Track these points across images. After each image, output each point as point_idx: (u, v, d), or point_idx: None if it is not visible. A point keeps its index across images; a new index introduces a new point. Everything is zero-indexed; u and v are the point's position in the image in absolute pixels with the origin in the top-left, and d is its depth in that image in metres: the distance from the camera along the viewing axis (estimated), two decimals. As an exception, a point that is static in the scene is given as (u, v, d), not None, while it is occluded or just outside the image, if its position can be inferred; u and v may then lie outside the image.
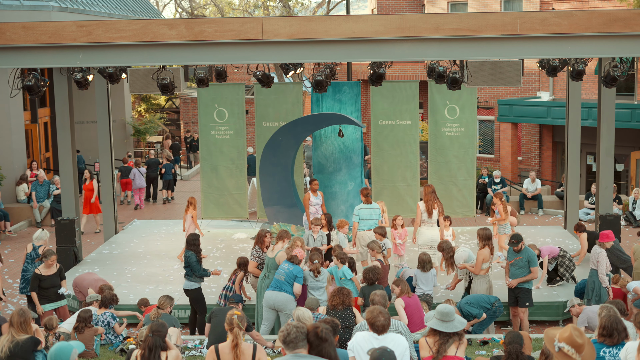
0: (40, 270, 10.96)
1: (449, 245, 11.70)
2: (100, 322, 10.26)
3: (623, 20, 11.02)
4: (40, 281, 10.88)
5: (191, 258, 11.06)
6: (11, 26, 11.47)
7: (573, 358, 5.78)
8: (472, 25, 11.17)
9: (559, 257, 12.66)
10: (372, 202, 13.28)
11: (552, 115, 24.54)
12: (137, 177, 21.30)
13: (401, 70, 28.90)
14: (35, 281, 10.88)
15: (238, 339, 6.53)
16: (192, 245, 11.18)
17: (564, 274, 12.61)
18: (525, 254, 10.85)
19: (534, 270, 10.85)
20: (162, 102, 37.07)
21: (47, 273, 10.99)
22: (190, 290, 11.20)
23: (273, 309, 10.50)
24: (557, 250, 12.75)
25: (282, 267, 10.49)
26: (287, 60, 12.20)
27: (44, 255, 11.04)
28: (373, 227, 12.74)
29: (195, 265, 11.03)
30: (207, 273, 11.21)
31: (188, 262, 11.05)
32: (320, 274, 10.76)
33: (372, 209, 13.15)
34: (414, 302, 9.97)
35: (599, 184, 14.46)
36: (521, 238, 11.01)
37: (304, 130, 15.97)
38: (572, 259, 12.73)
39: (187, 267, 11.12)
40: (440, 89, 15.88)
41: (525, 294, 10.93)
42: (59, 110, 14.34)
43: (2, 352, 7.58)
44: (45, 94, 23.05)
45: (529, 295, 10.95)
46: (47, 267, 10.99)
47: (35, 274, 10.92)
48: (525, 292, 10.93)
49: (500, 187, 19.85)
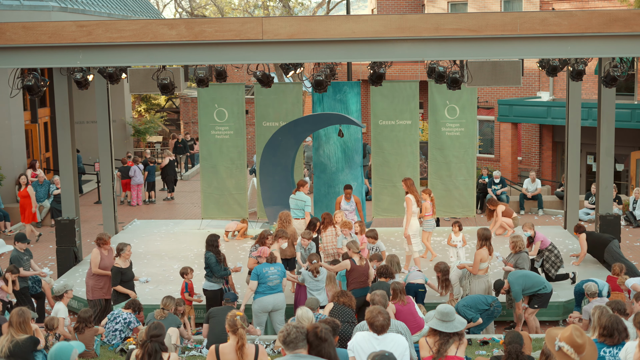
0: (120, 263, 10.97)
1: (446, 267, 11.67)
2: (122, 318, 10.26)
3: (623, 20, 11.03)
4: (122, 274, 10.89)
5: (210, 259, 11.01)
6: (11, 26, 11.47)
7: (572, 358, 5.77)
8: (472, 25, 11.17)
9: (546, 251, 12.69)
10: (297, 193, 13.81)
11: (552, 115, 24.54)
12: (137, 173, 21.36)
13: (401, 70, 28.91)
14: (117, 275, 10.89)
15: (243, 339, 6.54)
16: (211, 246, 11.13)
17: (550, 269, 12.67)
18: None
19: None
20: (162, 102, 37.07)
21: (125, 266, 11.03)
22: (209, 291, 11.16)
23: (266, 312, 10.55)
24: (549, 243, 12.81)
25: (271, 272, 10.47)
26: (287, 60, 12.20)
27: (119, 249, 11.01)
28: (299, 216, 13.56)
29: (215, 266, 11.00)
30: (227, 272, 11.20)
31: (207, 262, 11.02)
32: (319, 273, 10.77)
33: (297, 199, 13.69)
34: (407, 309, 9.88)
35: (599, 184, 14.46)
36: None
37: (304, 130, 15.97)
38: (558, 255, 12.78)
39: (205, 268, 11.11)
40: (440, 89, 15.87)
41: (537, 296, 10.91)
42: (59, 110, 14.34)
43: (1, 352, 7.58)
44: (45, 94, 23.04)
45: (541, 299, 10.92)
46: (124, 260, 11.02)
47: (117, 268, 10.92)
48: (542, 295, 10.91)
49: (500, 187, 19.85)
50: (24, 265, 11.87)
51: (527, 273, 11.03)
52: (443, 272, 11.57)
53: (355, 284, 10.86)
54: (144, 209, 21.31)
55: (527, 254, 11.70)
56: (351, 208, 14.23)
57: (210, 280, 11.13)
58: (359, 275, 10.95)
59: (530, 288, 10.82)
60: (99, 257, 11.41)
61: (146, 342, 7.05)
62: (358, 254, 11.11)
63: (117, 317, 10.31)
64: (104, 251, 11.50)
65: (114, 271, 10.98)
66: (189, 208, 21.44)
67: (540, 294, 10.85)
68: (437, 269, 11.66)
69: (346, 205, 14.26)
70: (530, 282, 10.82)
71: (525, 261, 11.40)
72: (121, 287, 10.93)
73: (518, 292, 10.79)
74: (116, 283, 10.91)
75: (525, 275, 10.91)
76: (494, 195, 19.56)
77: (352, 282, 10.91)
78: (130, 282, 11.11)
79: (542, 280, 10.96)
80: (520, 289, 10.78)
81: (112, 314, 10.39)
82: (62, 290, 10.45)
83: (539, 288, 10.80)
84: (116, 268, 10.96)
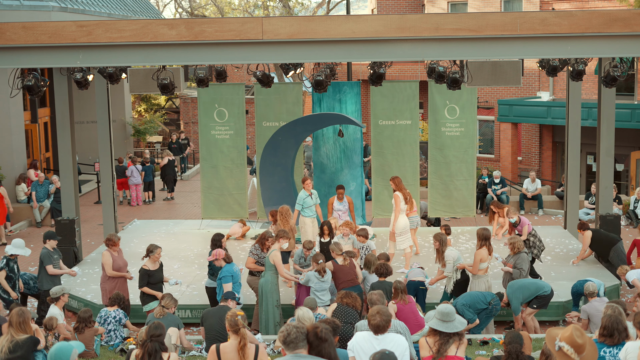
0: (148, 265, 10.87)
1: (444, 238, 11.55)
2: (111, 317, 10.26)
3: (623, 20, 11.02)
4: (149, 276, 10.81)
5: None
6: (11, 26, 11.47)
7: (572, 358, 5.78)
8: (472, 25, 11.16)
9: (530, 236, 12.89)
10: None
11: (552, 115, 24.54)
12: (134, 173, 21.35)
13: (401, 70, 28.91)
14: (144, 277, 10.78)
15: (245, 339, 6.55)
16: (216, 245, 11.21)
17: (538, 255, 12.89)
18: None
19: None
20: (162, 102, 37.06)
21: (154, 268, 10.94)
22: (210, 288, 11.25)
23: None
24: (532, 227, 13.11)
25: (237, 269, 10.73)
26: (287, 60, 12.20)
27: (149, 250, 10.90)
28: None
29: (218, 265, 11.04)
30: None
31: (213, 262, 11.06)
32: (326, 273, 10.78)
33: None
34: (408, 308, 9.90)
35: (599, 184, 14.46)
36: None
37: (304, 130, 15.97)
38: (540, 238, 13.07)
39: (209, 265, 11.19)
40: (440, 89, 15.87)
41: (538, 298, 10.89)
42: (59, 110, 14.34)
43: (1, 352, 7.58)
44: (45, 94, 23.05)
45: (542, 300, 10.91)
46: (153, 261, 10.92)
47: (144, 269, 10.81)
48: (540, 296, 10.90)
49: (500, 187, 19.85)
50: (53, 264, 11.76)
51: (525, 283, 10.96)
52: (441, 243, 11.47)
53: (344, 284, 10.87)
54: (144, 209, 21.31)
55: (527, 255, 11.70)
56: (344, 208, 14.24)
57: (211, 278, 11.17)
58: (344, 275, 10.96)
59: (529, 297, 10.83)
60: (111, 259, 11.30)
61: (146, 342, 7.05)
62: (342, 255, 11.14)
63: (107, 317, 10.31)
64: (114, 252, 11.41)
65: (141, 273, 10.84)
66: (189, 208, 21.44)
67: (542, 296, 10.85)
68: (437, 237, 11.56)
69: (339, 205, 14.27)
70: (528, 293, 10.81)
71: (524, 261, 11.40)
72: (147, 289, 10.82)
73: (517, 307, 10.79)
74: (143, 285, 10.79)
75: (522, 287, 10.86)
76: (494, 195, 19.58)
77: (340, 283, 10.92)
78: (159, 284, 11.00)
79: (540, 286, 10.91)
80: (518, 303, 10.78)
81: (101, 316, 10.35)
82: (59, 293, 10.31)
83: (539, 293, 10.80)
84: (143, 270, 10.83)
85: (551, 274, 13.28)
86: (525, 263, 11.41)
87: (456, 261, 11.33)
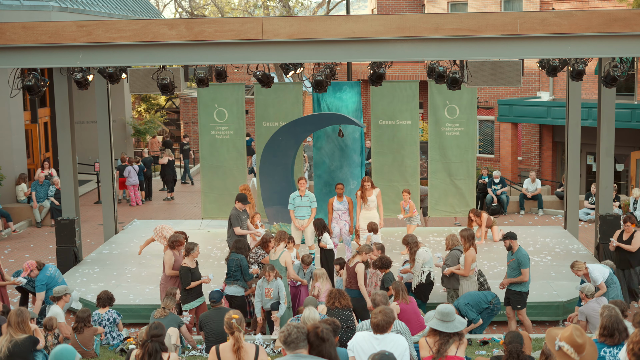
0: (188, 263, 10.74)
1: (414, 240, 11.46)
2: (105, 319, 10.25)
3: (623, 20, 11.02)
4: (191, 274, 10.71)
5: (243, 261, 10.92)
6: (11, 26, 11.47)
7: (572, 358, 5.78)
8: (472, 25, 11.16)
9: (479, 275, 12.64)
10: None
11: (552, 115, 24.54)
12: (131, 173, 21.36)
13: (401, 70, 28.91)
14: (187, 275, 10.67)
15: (239, 342, 6.54)
16: (242, 249, 11.03)
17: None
18: (517, 255, 10.83)
19: (524, 272, 10.78)
20: (162, 102, 37.06)
21: (193, 266, 10.83)
22: (238, 297, 10.93)
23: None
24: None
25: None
26: (287, 60, 12.20)
27: (190, 249, 10.79)
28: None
29: (247, 269, 10.95)
30: (252, 276, 11.09)
31: (240, 265, 10.89)
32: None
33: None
34: (411, 307, 9.90)
35: (599, 184, 14.45)
36: (513, 237, 10.95)
37: (304, 130, 15.97)
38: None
39: (236, 271, 10.91)
40: (440, 89, 15.88)
41: (515, 297, 10.85)
42: (59, 110, 14.34)
43: (1, 352, 7.57)
44: (45, 94, 23.05)
45: (519, 298, 10.85)
46: (192, 259, 10.81)
47: (186, 267, 10.69)
48: (515, 294, 10.85)
49: (500, 187, 19.85)
50: (241, 225, 12.82)
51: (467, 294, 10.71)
52: (411, 245, 11.36)
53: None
54: (144, 209, 21.32)
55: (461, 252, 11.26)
56: (344, 208, 14.22)
57: (238, 286, 10.89)
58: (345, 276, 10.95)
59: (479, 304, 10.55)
60: (173, 258, 11.11)
61: (146, 342, 7.05)
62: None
63: (101, 320, 10.27)
64: (177, 252, 11.22)
65: (183, 271, 10.71)
66: (189, 208, 21.45)
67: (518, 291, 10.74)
68: (405, 242, 11.48)
69: (339, 204, 14.21)
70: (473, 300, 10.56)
71: (451, 257, 11.25)
72: (194, 283, 10.72)
73: (475, 317, 10.46)
74: (187, 283, 10.68)
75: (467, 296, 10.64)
76: (494, 195, 19.58)
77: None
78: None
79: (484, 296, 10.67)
80: (475, 312, 10.44)
81: (94, 320, 10.28)
82: (62, 292, 10.25)
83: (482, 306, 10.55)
84: (185, 268, 10.70)
85: (551, 274, 13.28)
86: (452, 259, 11.27)
87: (425, 263, 11.27)
